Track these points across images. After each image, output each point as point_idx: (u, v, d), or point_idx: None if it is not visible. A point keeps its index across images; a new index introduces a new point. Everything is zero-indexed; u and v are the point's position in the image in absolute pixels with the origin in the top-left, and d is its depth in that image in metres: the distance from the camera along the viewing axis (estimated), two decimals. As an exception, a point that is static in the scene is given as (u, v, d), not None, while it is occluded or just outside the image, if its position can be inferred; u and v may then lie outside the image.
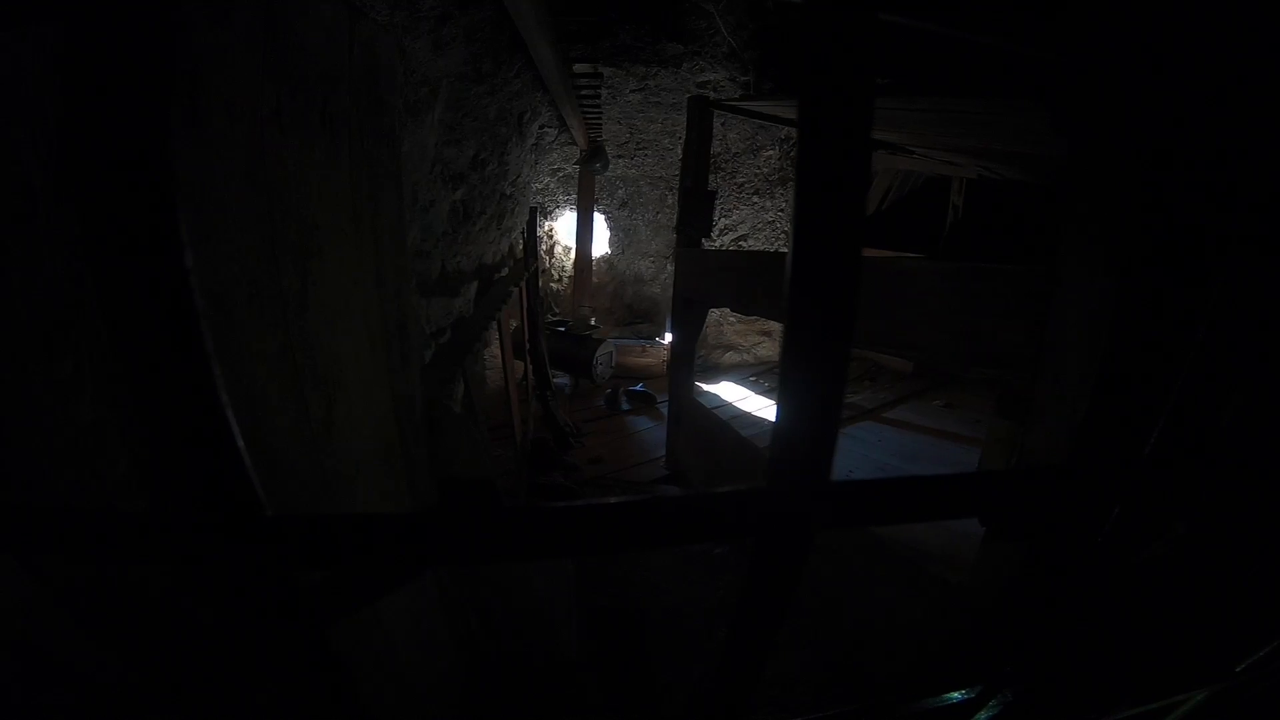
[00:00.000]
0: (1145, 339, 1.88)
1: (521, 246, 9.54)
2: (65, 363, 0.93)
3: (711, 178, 10.16)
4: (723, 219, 12.58)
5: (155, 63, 0.36)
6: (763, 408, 10.37)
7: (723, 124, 10.82)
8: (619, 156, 12.50)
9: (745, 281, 5.72)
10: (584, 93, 8.67)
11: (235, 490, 0.32)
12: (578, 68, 7.89)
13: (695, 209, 7.02)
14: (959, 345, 3.02)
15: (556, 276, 14.08)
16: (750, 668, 0.41)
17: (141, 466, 1.01)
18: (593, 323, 12.53)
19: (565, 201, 13.26)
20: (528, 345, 9.30)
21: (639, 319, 13.85)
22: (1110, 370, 2.01)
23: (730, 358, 13.32)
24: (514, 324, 8.95)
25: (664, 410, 8.20)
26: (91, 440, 0.97)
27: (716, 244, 12.60)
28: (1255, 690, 0.95)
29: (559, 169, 12.77)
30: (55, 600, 0.87)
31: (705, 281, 6.57)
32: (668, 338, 10.15)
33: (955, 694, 0.67)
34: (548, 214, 13.42)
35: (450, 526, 0.43)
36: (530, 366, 9.24)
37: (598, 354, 11.16)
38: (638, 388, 11.02)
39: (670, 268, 10.31)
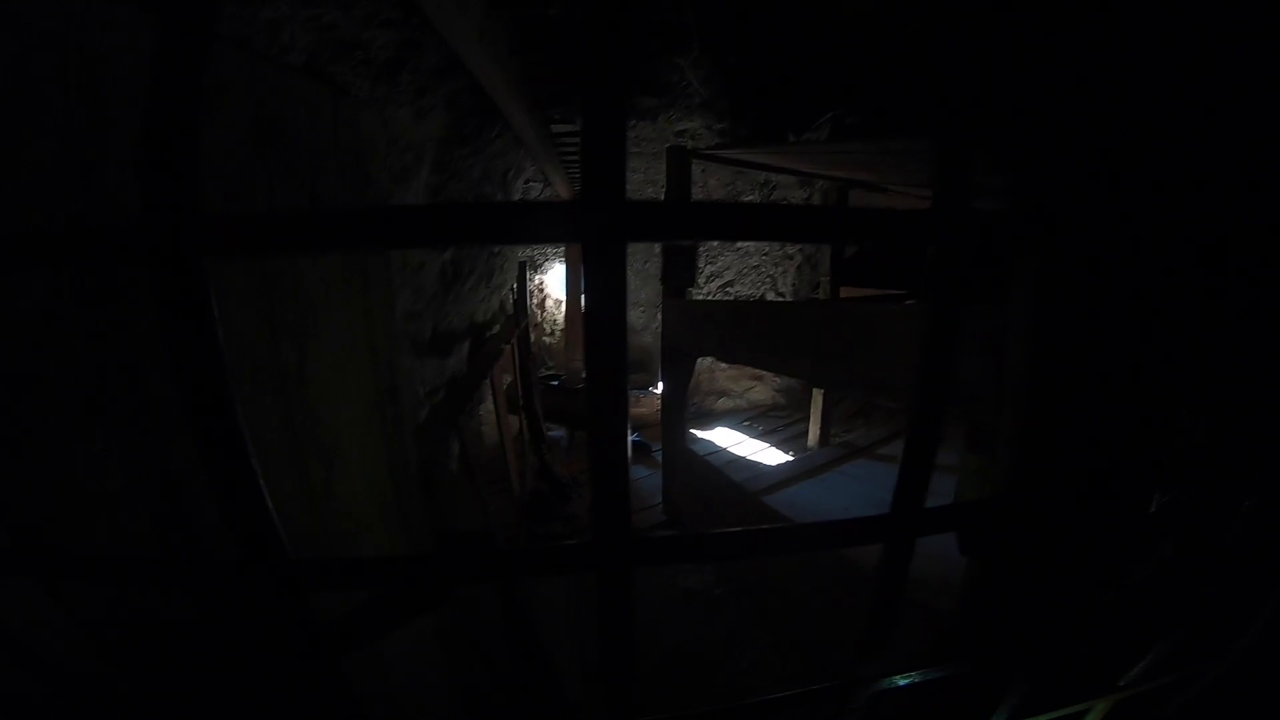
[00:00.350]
0: (1071, 374, 2.00)
1: (512, 302, 9.67)
2: (95, 440, 1.06)
3: (695, 226, 10.33)
4: (708, 266, 12.76)
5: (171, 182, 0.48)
6: (757, 451, 10.43)
7: (703, 171, 11.02)
8: (604, 205, 12.70)
9: (727, 331, 5.85)
10: (565, 149, 8.88)
11: (268, 541, 0.44)
12: (556, 127, 8.10)
13: (678, 260, 7.19)
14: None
15: (549, 330, 14.19)
16: (621, 665, 0.52)
17: (160, 525, 1.13)
18: (585, 374, 12.61)
19: (554, 254, 13.46)
20: (521, 400, 9.38)
21: (631, 369, 13.91)
22: (1035, 407, 2.12)
23: (724, 403, 13.40)
24: (508, 379, 9.05)
25: (659, 458, 8.27)
26: (118, 503, 1.09)
27: (704, 291, 12.76)
28: (1143, 696, 1.07)
29: (547, 224, 12.96)
30: (85, 632, 0.98)
31: (691, 332, 6.71)
32: (661, 387, 10.27)
33: (906, 677, 0.76)
34: (537, 268, 13.59)
35: (431, 563, 0.55)
36: (525, 421, 9.31)
37: (592, 405, 11.22)
38: (634, 437, 11.07)
39: (661, 317, 10.48)
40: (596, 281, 0.36)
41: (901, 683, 0.74)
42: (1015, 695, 0.89)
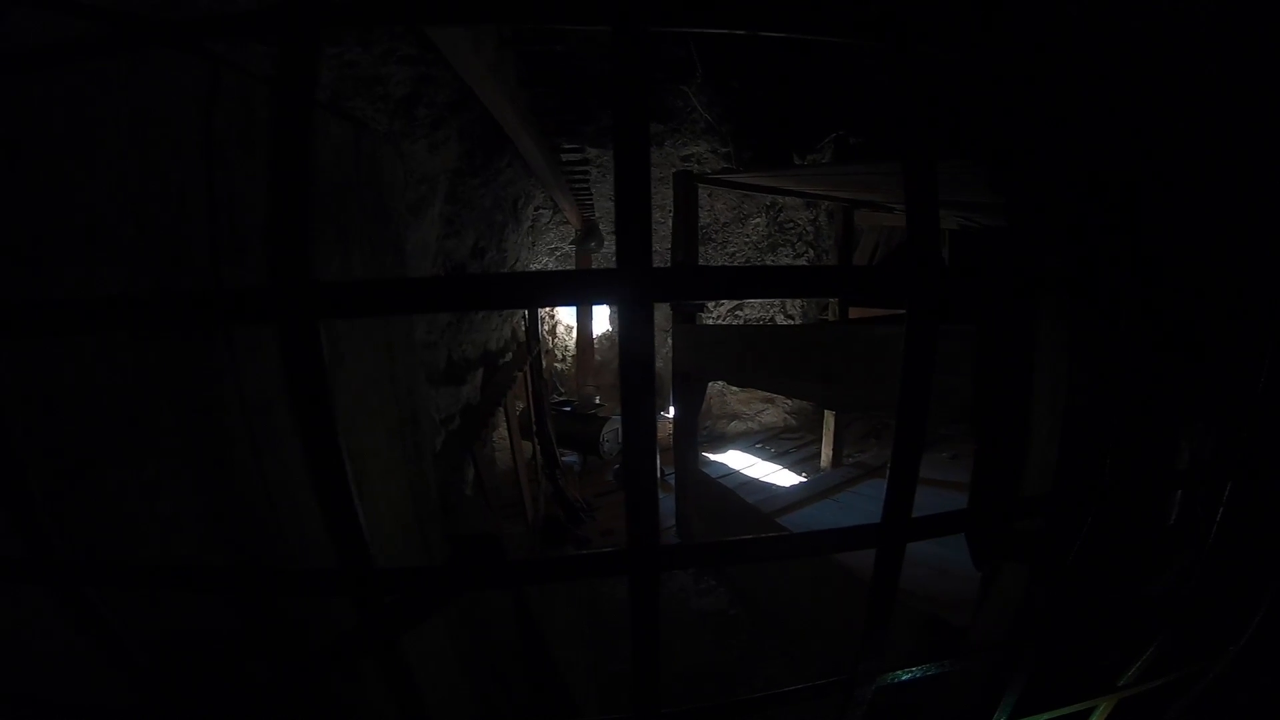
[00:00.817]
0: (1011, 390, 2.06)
1: (524, 330, 9.78)
2: (148, 469, 1.15)
3: (702, 249, 10.43)
4: (718, 290, 12.81)
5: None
6: (770, 473, 10.45)
7: (709, 195, 11.11)
8: (613, 233, 12.73)
9: (738, 355, 5.89)
10: (574, 176, 9.01)
11: (362, 553, 0.52)
12: (566, 155, 8.23)
13: (688, 286, 7.24)
14: (932, 404, 3.17)
15: (560, 356, 14.29)
16: (648, 661, 0.59)
17: (205, 544, 1.22)
18: (597, 401, 12.68)
19: (564, 282, 13.52)
20: (534, 427, 9.46)
21: (644, 393, 13.97)
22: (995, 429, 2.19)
23: (735, 426, 13.42)
24: (520, 406, 9.13)
25: (672, 482, 8.33)
26: (171, 525, 1.18)
27: (714, 315, 12.84)
28: (1147, 697, 1.13)
29: (556, 248, 13.08)
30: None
31: (701, 356, 6.77)
32: (673, 411, 10.33)
33: (942, 665, 0.82)
34: (548, 295, 13.67)
35: (465, 570, 0.63)
36: (538, 447, 9.39)
37: (604, 431, 11.29)
38: (645, 461, 11.08)
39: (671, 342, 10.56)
40: (629, 332, 0.44)
41: (904, 678, 0.80)
42: (1015, 693, 0.95)
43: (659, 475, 10.42)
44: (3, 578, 0.57)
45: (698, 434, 7.84)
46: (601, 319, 13.86)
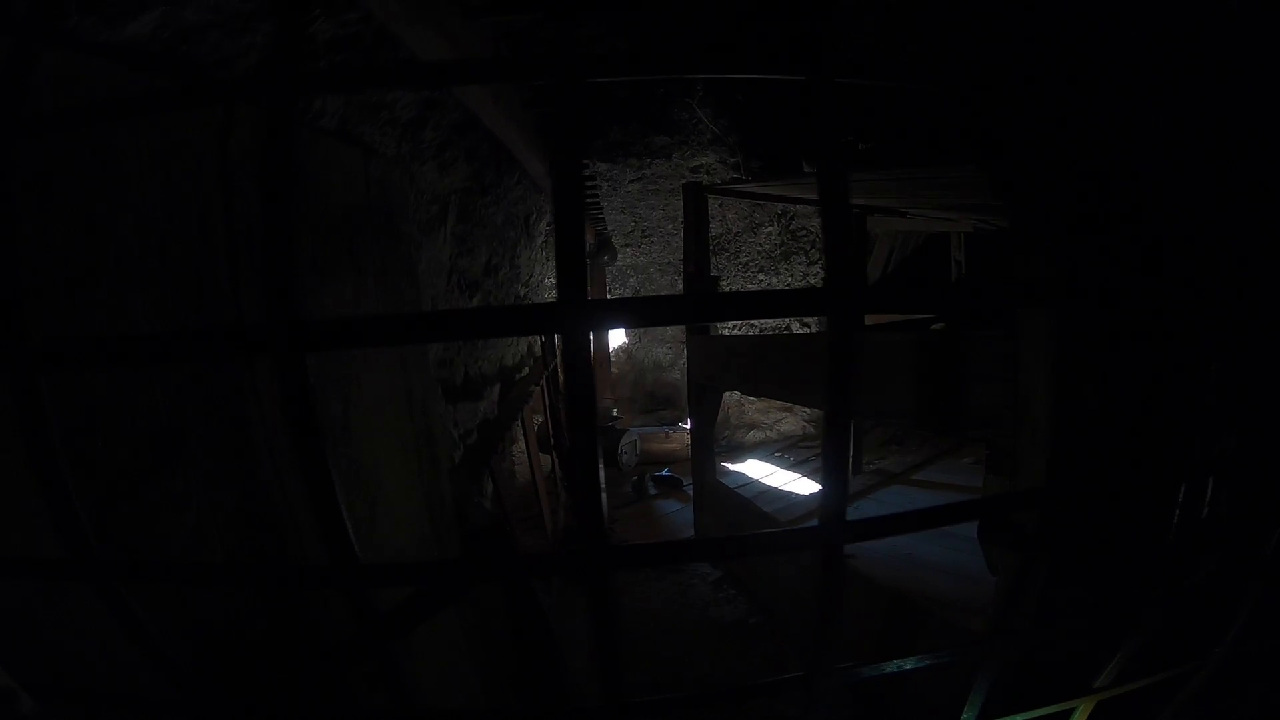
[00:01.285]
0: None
1: (540, 345, 9.84)
2: (176, 483, 1.23)
3: (715, 259, 10.46)
4: (732, 299, 12.83)
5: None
6: (789, 482, 10.41)
7: (720, 205, 11.11)
8: (626, 246, 12.90)
9: (751, 365, 5.92)
10: (584, 191, 9.06)
11: (347, 550, 0.59)
12: (573, 171, 8.29)
13: (700, 296, 7.29)
14: (943, 410, 3.21)
15: (577, 370, 14.33)
16: (610, 653, 0.65)
17: (231, 556, 1.30)
18: (615, 413, 12.71)
19: (582, 294, 13.57)
20: (553, 440, 9.51)
21: (660, 405, 14.04)
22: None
23: (754, 436, 13.39)
24: (538, 420, 9.19)
25: (690, 492, 8.35)
26: (197, 539, 1.26)
27: (728, 325, 12.85)
28: (1132, 700, 1.15)
29: (571, 262, 13.13)
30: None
31: (715, 367, 6.81)
32: (690, 422, 10.34)
33: (906, 662, 0.86)
34: (565, 309, 13.75)
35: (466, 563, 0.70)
36: (557, 460, 9.44)
37: (622, 443, 11.35)
38: (663, 473, 11.12)
39: (686, 353, 10.56)
40: (571, 355, 0.51)
41: (867, 674, 0.85)
42: (983, 690, 0.99)
43: (679, 485, 10.49)
44: (49, 575, 0.64)
45: (714, 444, 7.88)
46: (618, 332, 13.89)
